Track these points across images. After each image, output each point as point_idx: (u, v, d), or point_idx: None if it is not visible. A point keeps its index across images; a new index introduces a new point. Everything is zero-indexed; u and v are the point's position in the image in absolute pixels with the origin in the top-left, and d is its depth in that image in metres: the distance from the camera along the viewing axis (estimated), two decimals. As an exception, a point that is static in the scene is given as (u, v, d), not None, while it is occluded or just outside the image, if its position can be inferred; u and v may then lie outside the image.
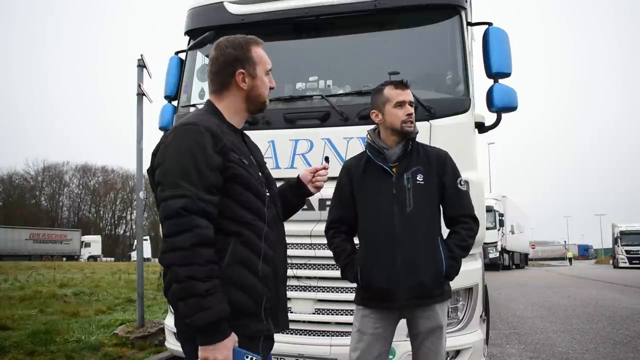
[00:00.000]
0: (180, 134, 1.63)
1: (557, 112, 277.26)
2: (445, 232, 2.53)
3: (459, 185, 2.51)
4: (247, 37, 1.84)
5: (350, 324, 3.12)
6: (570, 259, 57.29)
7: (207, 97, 4.04)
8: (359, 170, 2.52)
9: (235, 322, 1.56)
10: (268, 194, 1.78)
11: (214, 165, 1.60)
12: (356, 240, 2.58)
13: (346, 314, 3.28)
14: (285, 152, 3.52)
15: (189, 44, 4.16)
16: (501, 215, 28.27)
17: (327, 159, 2.70)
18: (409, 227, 2.38)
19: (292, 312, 3.34)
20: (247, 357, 1.57)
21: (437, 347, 2.40)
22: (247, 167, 1.71)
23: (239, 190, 1.67)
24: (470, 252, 3.37)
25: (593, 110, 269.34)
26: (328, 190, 2.62)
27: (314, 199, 3.26)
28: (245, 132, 1.92)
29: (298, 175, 2.16)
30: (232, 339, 1.54)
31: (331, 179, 2.39)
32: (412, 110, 2.47)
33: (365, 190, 2.50)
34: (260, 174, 1.80)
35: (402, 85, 2.50)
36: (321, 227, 3.23)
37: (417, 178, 2.43)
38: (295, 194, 2.13)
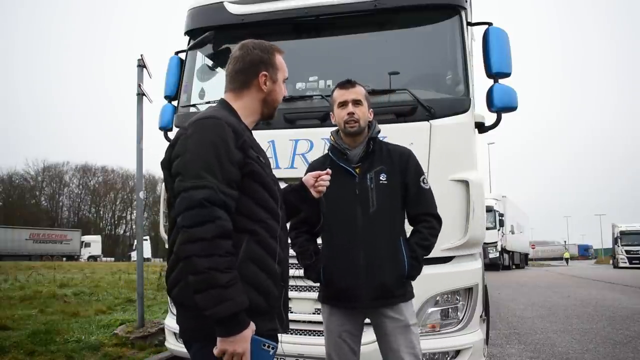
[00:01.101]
0: (202, 126, 1.63)
1: (557, 111, 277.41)
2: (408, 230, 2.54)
3: (422, 184, 2.50)
4: (272, 44, 1.89)
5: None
6: (567, 259, 57.31)
7: (207, 97, 4.07)
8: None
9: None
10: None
11: (235, 161, 1.61)
12: (319, 240, 2.59)
13: (346, 314, 3.28)
14: (285, 152, 3.52)
15: (189, 44, 4.16)
16: (501, 215, 28.27)
17: None
18: (372, 227, 2.39)
19: (292, 312, 3.34)
20: (264, 345, 1.58)
21: (410, 343, 2.38)
22: (264, 166, 1.73)
23: (255, 188, 1.67)
24: (470, 252, 3.40)
25: (594, 108, 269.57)
26: None
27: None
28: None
29: (301, 180, 2.17)
30: (252, 329, 1.54)
31: None
32: (352, 109, 2.44)
33: (328, 191, 2.49)
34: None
35: (347, 84, 2.50)
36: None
37: (381, 178, 2.43)
38: (299, 198, 2.14)
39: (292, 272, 3.31)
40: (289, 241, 2.58)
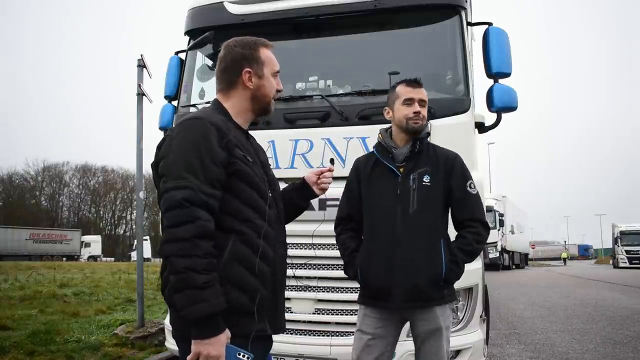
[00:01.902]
0: (186, 127, 1.65)
1: (557, 111, 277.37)
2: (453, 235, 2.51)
3: (469, 189, 2.44)
4: (257, 39, 1.86)
5: (351, 323, 3.12)
6: (564, 259, 57.42)
7: (207, 97, 4.07)
8: (367, 169, 2.51)
9: (230, 320, 1.55)
10: (270, 194, 1.79)
11: (219, 160, 1.61)
12: None
13: (346, 314, 3.28)
14: (285, 152, 3.52)
15: (189, 44, 4.15)
16: (501, 215, 28.27)
17: (332, 161, 2.70)
18: (411, 228, 2.36)
19: (292, 312, 3.34)
20: (239, 354, 1.55)
21: (437, 350, 2.37)
22: (251, 165, 1.72)
23: (241, 187, 1.67)
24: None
25: (594, 108, 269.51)
26: (331, 191, 2.63)
27: (314, 199, 3.27)
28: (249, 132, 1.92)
29: (303, 177, 2.16)
30: (226, 335, 1.53)
31: (335, 179, 2.38)
32: (419, 108, 2.44)
33: (370, 189, 2.49)
34: (264, 173, 1.80)
35: (414, 83, 2.49)
36: (323, 228, 3.25)
37: (424, 179, 2.40)
38: (300, 196, 2.13)
39: (292, 272, 3.32)
40: (335, 236, 2.59)
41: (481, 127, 3.73)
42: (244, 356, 1.56)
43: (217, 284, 1.52)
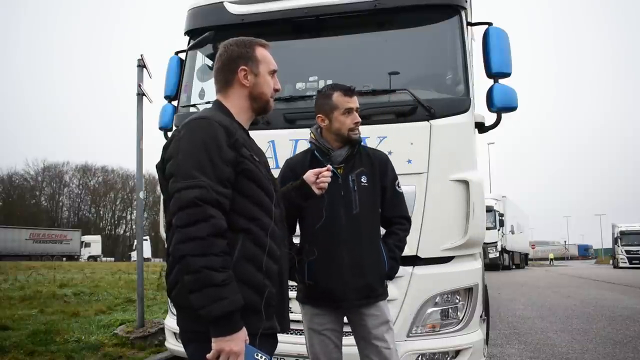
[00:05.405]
0: (193, 127, 1.64)
1: (558, 111, 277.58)
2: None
3: (397, 188, 2.58)
4: (253, 38, 1.88)
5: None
6: (551, 260, 57.78)
7: (207, 97, 4.07)
8: (304, 169, 2.43)
9: (242, 318, 1.54)
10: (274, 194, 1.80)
11: (227, 159, 1.61)
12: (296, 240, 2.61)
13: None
14: (285, 152, 3.51)
15: (189, 44, 4.15)
16: (501, 215, 28.30)
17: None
18: (355, 228, 2.42)
19: (292, 312, 3.32)
20: (257, 355, 1.54)
21: (391, 338, 2.45)
22: (258, 164, 1.73)
23: (249, 186, 1.67)
24: (470, 252, 3.40)
25: (595, 109, 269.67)
26: None
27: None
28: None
29: (302, 177, 2.19)
30: (245, 332, 1.53)
31: None
32: (359, 118, 2.50)
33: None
34: (267, 173, 1.81)
35: (350, 92, 2.51)
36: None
37: (362, 180, 2.47)
38: (300, 195, 2.16)
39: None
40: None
41: (481, 127, 3.73)
42: (261, 357, 1.55)
43: (234, 282, 1.52)
